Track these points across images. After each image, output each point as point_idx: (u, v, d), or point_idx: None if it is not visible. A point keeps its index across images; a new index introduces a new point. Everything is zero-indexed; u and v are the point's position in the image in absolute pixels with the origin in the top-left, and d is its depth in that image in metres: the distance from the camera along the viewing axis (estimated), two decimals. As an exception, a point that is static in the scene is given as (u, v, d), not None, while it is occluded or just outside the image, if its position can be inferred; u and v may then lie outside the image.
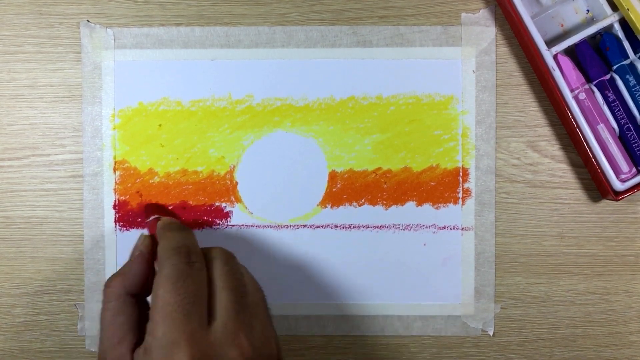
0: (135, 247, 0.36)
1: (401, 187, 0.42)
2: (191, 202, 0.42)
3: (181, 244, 0.33)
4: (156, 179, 0.42)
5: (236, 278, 0.32)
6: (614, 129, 0.40)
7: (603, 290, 0.42)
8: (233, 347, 0.29)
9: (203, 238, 0.42)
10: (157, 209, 0.42)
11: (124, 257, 0.42)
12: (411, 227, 0.42)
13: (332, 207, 0.42)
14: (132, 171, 0.42)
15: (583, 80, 0.40)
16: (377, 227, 0.42)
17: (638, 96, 0.40)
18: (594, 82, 0.40)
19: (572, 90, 0.40)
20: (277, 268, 0.42)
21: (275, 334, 0.33)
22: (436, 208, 0.42)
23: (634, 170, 0.40)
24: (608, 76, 0.40)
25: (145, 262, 0.35)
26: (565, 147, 0.42)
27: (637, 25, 0.38)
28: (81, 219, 0.42)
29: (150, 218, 0.39)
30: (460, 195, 0.42)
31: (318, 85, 0.42)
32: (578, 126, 0.40)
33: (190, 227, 0.42)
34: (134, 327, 0.32)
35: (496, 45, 0.42)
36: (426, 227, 0.42)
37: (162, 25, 0.42)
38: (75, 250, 0.43)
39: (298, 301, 0.42)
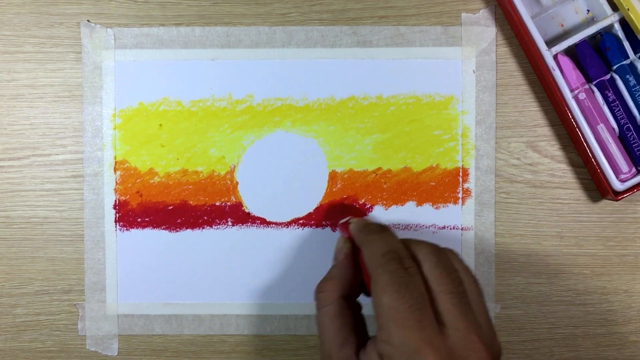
0: (339, 251, 0.36)
1: (401, 187, 0.42)
2: (191, 202, 0.42)
3: (390, 249, 0.32)
4: (156, 179, 0.42)
5: (452, 279, 0.31)
6: (613, 129, 0.40)
7: (603, 290, 0.42)
8: (471, 351, 0.29)
9: (203, 238, 0.42)
10: (345, 208, 0.41)
11: (124, 257, 0.42)
12: (411, 227, 0.42)
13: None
14: (132, 171, 0.42)
15: (583, 80, 0.40)
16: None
17: (638, 96, 0.40)
18: (594, 82, 0.40)
19: (572, 90, 0.40)
20: (277, 268, 0.42)
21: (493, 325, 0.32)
22: (436, 208, 0.42)
23: (634, 170, 0.40)
24: (608, 76, 0.40)
25: (352, 264, 0.35)
26: (565, 147, 0.42)
27: (637, 25, 0.38)
28: (81, 219, 0.42)
29: (344, 220, 0.39)
30: (460, 195, 0.42)
31: (318, 86, 0.42)
32: (578, 126, 0.40)
33: (190, 227, 0.42)
34: (353, 329, 0.33)
35: (496, 45, 0.42)
36: (426, 227, 0.42)
37: (163, 25, 0.42)
38: (76, 250, 0.43)
39: (298, 301, 0.42)
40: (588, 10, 0.41)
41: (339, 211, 0.41)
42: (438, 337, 0.29)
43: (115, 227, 0.42)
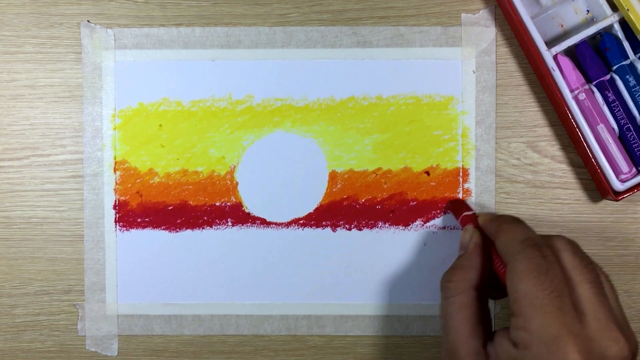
0: (465, 240, 0.36)
1: (401, 187, 0.42)
2: (191, 202, 0.42)
3: (528, 236, 0.32)
4: (156, 179, 0.42)
5: (591, 269, 0.31)
6: (613, 129, 0.40)
7: (603, 290, 0.42)
8: (612, 341, 0.29)
9: (203, 238, 0.42)
10: (463, 204, 0.41)
11: (124, 257, 0.42)
12: (411, 227, 0.42)
13: (332, 207, 0.42)
14: (132, 171, 0.42)
15: (583, 80, 0.40)
16: (378, 227, 0.42)
17: (638, 96, 0.40)
18: (594, 83, 0.40)
19: (572, 91, 0.40)
20: (277, 268, 0.42)
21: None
22: (436, 208, 0.42)
23: (634, 170, 0.40)
24: (608, 76, 0.40)
25: (482, 254, 0.35)
26: (565, 147, 0.42)
27: (637, 26, 0.38)
28: (81, 219, 0.42)
29: (466, 213, 0.39)
30: (460, 195, 0.42)
31: (318, 86, 0.42)
32: (578, 126, 0.40)
33: (190, 227, 0.42)
34: (481, 320, 0.32)
35: (496, 45, 0.42)
36: (426, 227, 0.42)
37: (163, 25, 0.42)
38: (75, 250, 0.43)
39: (298, 301, 0.42)
40: (588, 11, 0.41)
41: (461, 206, 0.41)
42: (578, 325, 0.28)
43: (115, 227, 0.42)
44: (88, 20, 0.42)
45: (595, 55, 0.40)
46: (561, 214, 0.42)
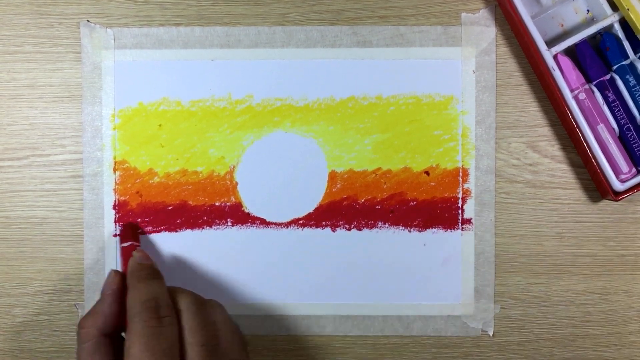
0: (106, 285, 0.36)
1: (401, 187, 0.42)
2: (191, 202, 0.42)
3: (150, 297, 0.33)
4: (156, 179, 0.42)
5: (206, 331, 0.33)
6: (613, 129, 0.40)
7: (603, 290, 0.42)
8: None
9: (203, 238, 0.42)
10: (133, 232, 0.41)
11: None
12: (411, 227, 0.42)
13: (332, 207, 0.42)
14: (132, 171, 0.42)
15: (583, 80, 0.40)
16: (377, 227, 0.42)
17: (638, 96, 0.40)
18: (594, 82, 0.40)
19: (572, 90, 0.40)
20: (276, 268, 0.42)
21: None
22: (436, 208, 0.42)
23: (634, 170, 0.40)
24: (608, 76, 0.40)
25: (117, 300, 0.35)
26: (565, 147, 0.42)
27: (637, 25, 0.38)
28: (81, 219, 0.42)
29: (126, 244, 0.40)
30: (460, 195, 0.42)
31: (318, 86, 0.42)
32: (578, 126, 0.40)
33: (190, 227, 0.42)
34: None
35: (496, 45, 0.42)
36: (426, 227, 0.42)
37: (162, 25, 0.42)
38: (75, 250, 0.42)
39: (298, 301, 0.42)
40: (588, 10, 0.41)
41: (130, 233, 0.41)
42: None
43: (115, 227, 0.42)
44: (88, 20, 0.42)
45: (596, 55, 0.40)
46: (561, 214, 0.42)
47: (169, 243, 0.42)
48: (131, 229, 0.41)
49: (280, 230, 0.42)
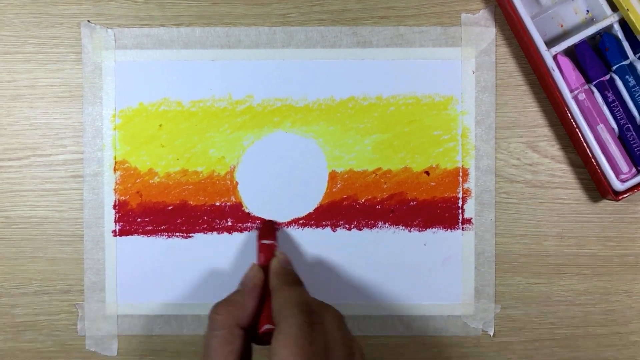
0: (247, 278, 0.36)
1: (401, 187, 0.42)
2: (191, 202, 0.42)
3: (302, 301, 0.33)
4: (156, 179, 0.42)
5: (348, 346, 0.32)
6: (613, 129, 0.40)
7: (603, 290, 0.42)
8: None
9: (203, 238, 0.42)
10: (273, 230, 0.41)
11: (123, 257, 0.42)
12: (411, 227, 0.42)
13: (332, 207, 0.42)
14: (132, 171, 0.42)
15: (583, 80, 0.40)
16: (378, 227, 0.42)
17: (637, 96, 0.40)
18: (594, 83, 0.40)
19: (571, 91, 0.40)
20: (277, 268, 0.42)
21: None
22: (436, 208, 0.42)
23: (634, 170, 0.40)
24: (607, 76, 0.40)
25: (258, 296, 0.35)
26: (565, 147, 0.42)
27: (637, 26, 0.38)
28: (81, 219, 0.42)
29: (267, 242, 0.39)
30: (460, 195, 0.42)
31: (318, 86, 0.42)
32: (578, 126, 0.40)
33: (190, 227, 0.42)
34: (240, 359, 0.32)
35: (496, 45, 0.42)
36: (426, 227, 0.42)
37: (163, 25, 0.42)
38: (75, 250, 0.42)
39: (298, 301, 0.42)
40: (588, 11, 0.41)
41: (268, 231, 0.41)
42: None
43: (115, 227, 0.42)
44: (88, 20, 0.42)
45: (595, 55, 0.40)
46: (561, 214, 0.42)
47: (169, 243, 0.42)
48: (271, 227, 0.41)
49: (280, 230, 0.42)
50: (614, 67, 0.40)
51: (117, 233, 0.42)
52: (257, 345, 0.34)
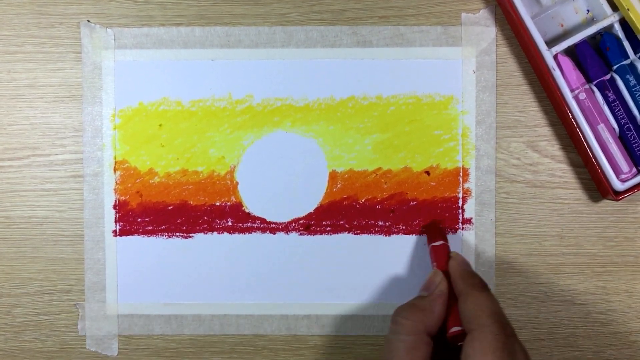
0: (433, 283, 0.36)
1: (401, 187, 0.42)
2: (191, 202, 0.42)
3: (497, 311, 0.32)
4: (156, 179, 0.42)
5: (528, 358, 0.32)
6: (614, 129, 0.40)
7: (603, 290, 0.42)
8: None
9: (203, 238, 0.42)
10: (441, 230, 0.41)
11: (124, 257, 0.42)
12: (411, 227, 0.42)
13: (332, 207, 0.42)
14: (132, 171, 0.42)
15: (583, 80, 0.40)
16: (377, 227, 0.42)
17: (638, 96, 0.40)
18: (594, 82, 0.40)
19: (572, 90, 0.40)
20: (276, 268, 0.42)
21: None
22: (436, 208, 0.42)
23: (634, 170, 0.40)
24: (608, 76, 0.40)
25: (446, 303, 0.35)
26: (565, 147, 0.42)
27: (637, 25, 0.38)
28: (81, 219, 0.42)
29: (437, 243, 0.39)
30: (460, 195, 0.42)
31: (318, 85, 0.42)
32: (578, 126, 0.40)
33: (190, 227, 0.42)
34: None
35: (496, 45, 0.42)
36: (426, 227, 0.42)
37: (163, 25, 0.42)
38: (75, 250, 0.43)
39: (298, 301, 0.42)
40: (588, 10, 0.41)
41: (435, 232, 0.40)
42: None
43: (115, 227, 0.42)
44: (88, 20, 0.42)
45: (596, 55, 0.40)
46: (561, 214, 0.42)
47: (169, 243, 0.42)
48: (438, 227, 0.41)
49: (280, 230, 0.42)
50: (615, 67, 0.40)
51: (118, 233, 0.42)
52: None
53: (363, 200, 0.42)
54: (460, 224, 0.42)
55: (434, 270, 0.37)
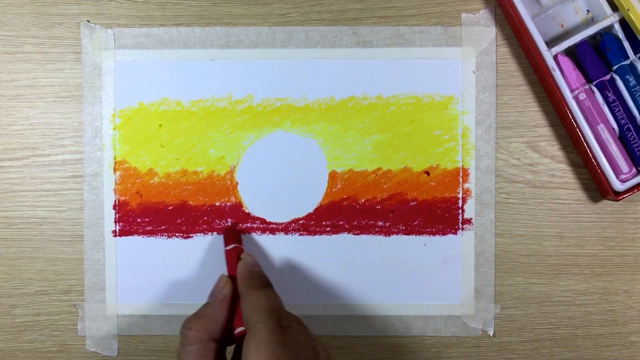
0: (217, 288, 0.36)
1: (401, 187, 0.42)
2: (191, 202, 0.42)
3: (272, 305, 0.33)
4: (156, 179, 0.42)
5: (313, 347, 0.32)
6: (614, 129, 0.40)
7: (603, 290, 0.42)
8: None
9: (203, 239, 0.42)
10: (236, 234, 0.41)
11: (123, 258, 0.42)
12: (411, 227, 0.42)
13: (332, 207, 0.42)
14: (132, 171, 0.42)
15: (583, 80, 0.40)
16: (377, 227, 0.42)
17: (638, 96, 0.40)
18: (594, 83, 0.40)
19: (572, 91, 0.40)
20: (276, 268, 0.42)
21: None
22: (436, 208, 0.42)
23: (634, 170, 0.40)
24: (608, 76, 0.40)
25: (229, 306, 0.35)
26: (565, 147, 0.42)
27: (637, 26, 0.38)
28: (81, 219, 0.42)
29: (229, 247, 0.39)
30: (460, 195, 0.42)
31: (318, 86, 0.42)
32: (578, 126, 0.40)
33: (190, 227, 0.42)
34: None
35: (496, 45, 0.42)
36: (426, 227, 0.42)
37: (162, 25, 0.42)
38: (75, 250, 0.42)
39: (298, 301, 0.42)
40: (588, 11, 0.41)
41: (233, 237, 0.41)
42: None
43: (115, 227, 0.42)
44: (88, 20, 0.42)
45: (596, 55, 0.40)
46: (561, 214, 0.42)
47: (169, 243, 0.42)
48: (234, 231, 0.41)
49: (280, 230, 0.42)
50: (615, 67, 0.40)
51: (117, 233, 0.42)
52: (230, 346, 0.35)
53: (363, 200, 0.42)
54: (460, 224, 0.42)
55: (220, 276, 0.37)
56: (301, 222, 0.42)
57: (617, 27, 0.40)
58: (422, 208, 0.42)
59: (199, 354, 0.33)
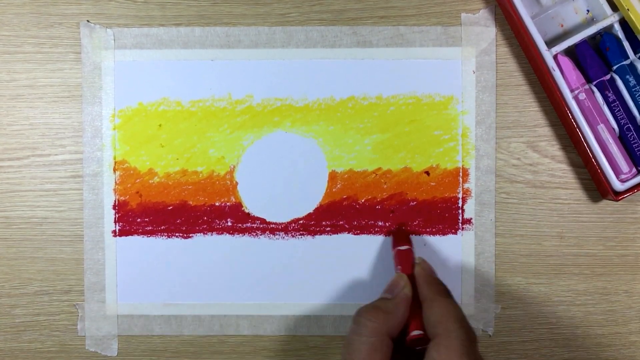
0: (397, 286, 0.36)
1: (401, 188, 0.42)
2: (191, 202, 0.42)
3: (462, 317, 0.33)
4: (156, 179, 0.42)
5: None
6: (614, 129, 0.40)
7: (603, 290, 0.42)
8: None
9: (203, 239, 0.42)
10: (407, 235, 0.41)
11: (123, 258, 0.42)
12: (411, 228, 0.42)
13: (332, 207, 0.42)
14: (132, 171, 0.42)
15: (583, 80, 0.40)
16: (377, 227, 0.42)
17: (638, 96, 0.40)
18: (594, 82, 0.40)
19: (572, 91, 0.40)
20: (276, 268, 0.42)
21: None
22: (436, 208, 0.42)
23: (634, 170, 0.40)
24: (608, 76, 0.40)
25: (409, 306, 0.35)
26: (565, 147, 0.42)
27: (637, 26, 0.38)
28: (81, 219, 0.42)
29: (404, 247, 0.39)
30: (460, 195, 0.42)
31: (318, 86, 0.42)
32: (578, 126, 0.40)
33: (190, 227, 0.42)
34: None
35: (496, 45, 0.42)
36: (426, 227, 0.42)
37: (162, 25, 0.42)
38: (75, 250, 0.42)
39: (298, 301, 0.42)
40: (588, 11, 0.41)
41: (401, 238, 0.41)
42: None
43: (115, 227, 0.42)
44: (88, 20, 0.42)
45: (596, 55, 0.40)
46: (561, 214, 0.42)
47: (169, 243, 0.42)
48: (405, 232, 0.41)
49: (280, 230, 0.42)
50: (615, 67, 0.40)
51: (117, 233, 0.42)
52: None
53: (363, 200, 0.42)
54: (460, 224, 0.42)
55: (398, 274, 0.37)
56: (301, 222, 0.42)
57: (617, 27, 0.40)
58: (422, 208, 0.42)
59: (375, 348, 0.33)
